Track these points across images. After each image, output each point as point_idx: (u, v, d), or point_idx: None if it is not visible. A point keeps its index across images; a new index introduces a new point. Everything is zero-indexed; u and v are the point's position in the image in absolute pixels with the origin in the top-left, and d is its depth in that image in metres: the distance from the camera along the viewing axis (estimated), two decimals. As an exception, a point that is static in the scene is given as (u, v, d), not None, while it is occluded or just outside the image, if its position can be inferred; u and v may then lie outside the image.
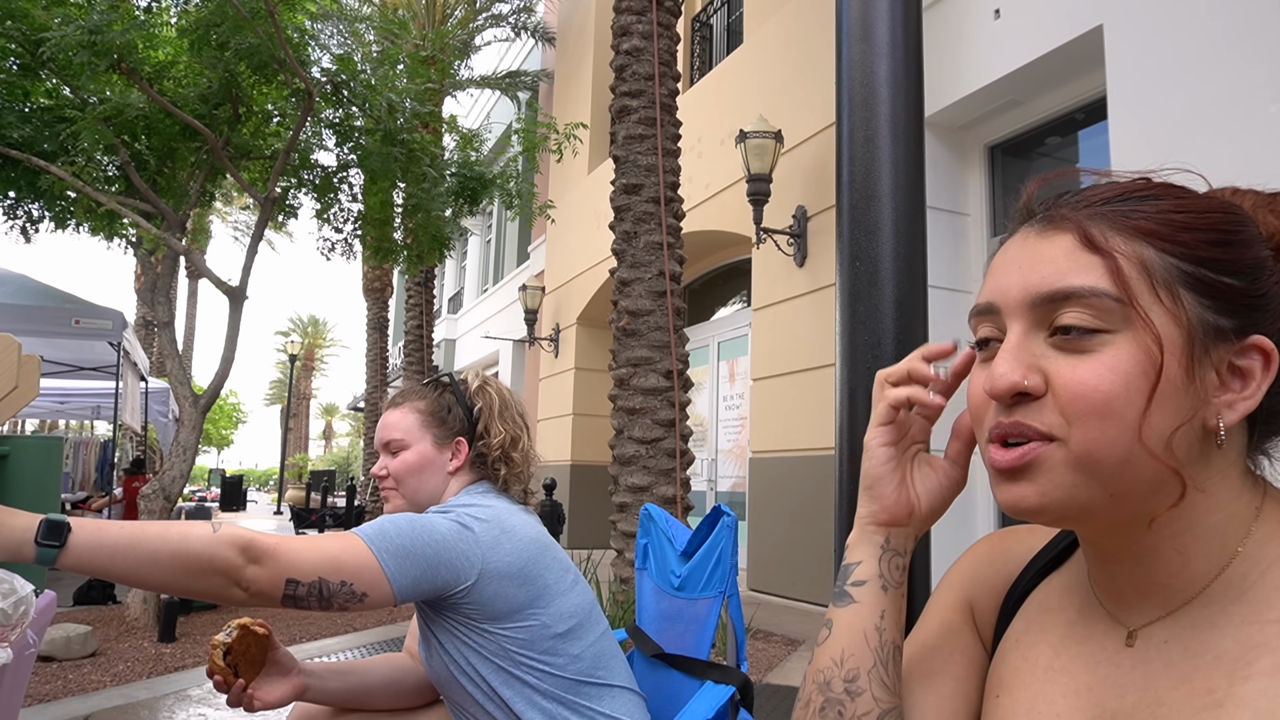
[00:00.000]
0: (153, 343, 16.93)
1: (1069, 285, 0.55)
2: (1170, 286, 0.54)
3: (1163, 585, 0.58)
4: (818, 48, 6.55)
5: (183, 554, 1.08)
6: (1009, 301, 0.58)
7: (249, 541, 1.13)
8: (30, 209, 6.19)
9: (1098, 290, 0.54)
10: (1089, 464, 0.54)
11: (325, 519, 12.87)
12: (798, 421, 6.45)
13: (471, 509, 1.38)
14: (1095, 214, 0.57)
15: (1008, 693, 0.64)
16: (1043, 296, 0.56)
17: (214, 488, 28.92)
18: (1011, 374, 0.56)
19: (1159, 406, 0.53)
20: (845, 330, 1.39)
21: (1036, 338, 0.57)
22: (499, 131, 13.16)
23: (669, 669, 1.57)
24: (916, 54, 1.45)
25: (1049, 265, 0.56)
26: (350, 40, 9.61)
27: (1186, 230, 0.55)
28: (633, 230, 5.79)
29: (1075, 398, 0.54)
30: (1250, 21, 3.65)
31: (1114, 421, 0.53)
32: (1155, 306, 0.54)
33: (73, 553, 1.04)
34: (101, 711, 3.54)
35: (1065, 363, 0.55)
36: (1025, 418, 0.56)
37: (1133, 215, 0.56)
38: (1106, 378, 0.53)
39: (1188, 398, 0.54)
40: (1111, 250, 0.55)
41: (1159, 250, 0.55)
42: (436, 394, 1.57)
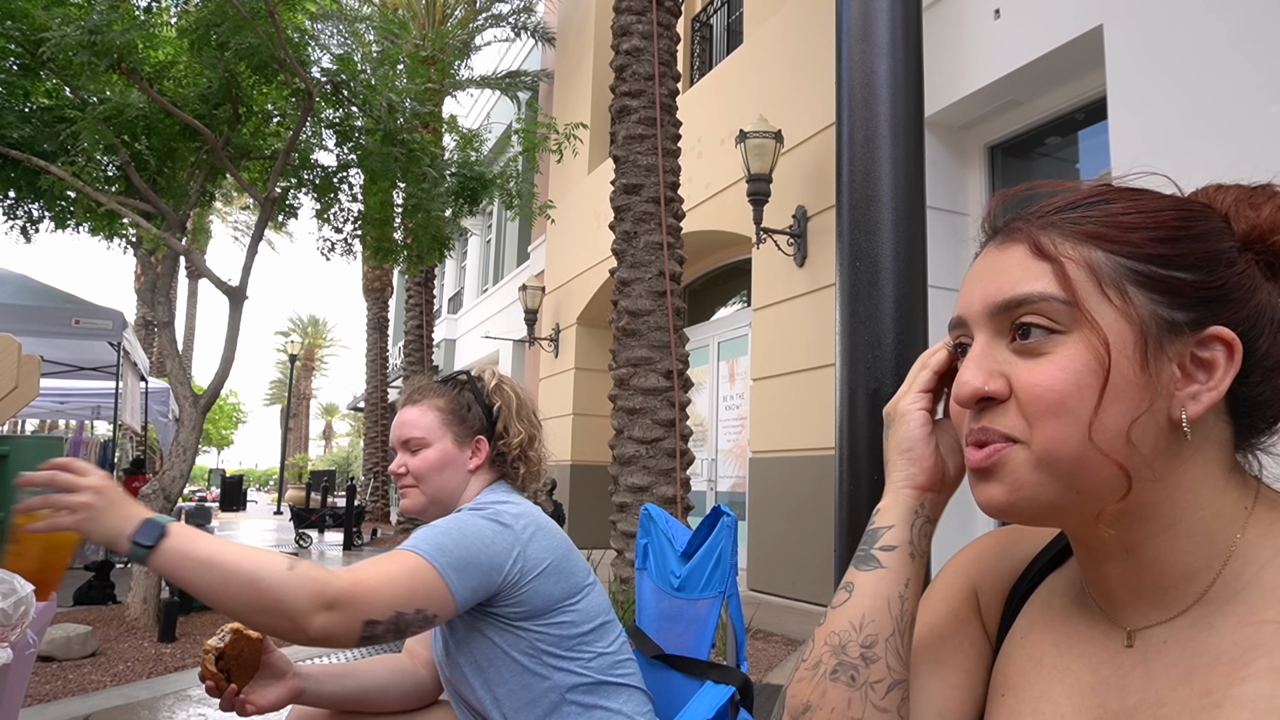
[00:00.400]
0: (153, 343, 16.94)
1: (1020, 292, 0.58)
2: (1119, 285, 0.56)
3: (1153, 584, 0.58)
4: (818, 48, 6.55)
5: (252, 587, 1.08)
6: (973, 313, 0.61)
7: (323, 585, 1.10)
8: (30, 209, 6.19)
9: (1046, 295, 0.57)
10: (1049, 462, 0.56)
11: (325, 519, 12.86)
12: (798, 421, 6.45)
13: (504, 506, 1.39)
14: (1046, 223, 0.59)
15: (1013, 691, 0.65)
16: (999, 305, 0.59)
17: (214, 488, 28.91)
18: (974, 380, 0.59)
19: (1111, 403, 0.54)
20: (845, 330, 1.39)
21: (999, 345, 0.59)
22: (499, 131, 13.16)
23: (669, 669, 1.57)
24: (916, 54, 1.45)
25: (1004, 276, 0.59)
26: (350, 40, 9.61)
27: (1133, 230, 0.57)
28: (633, 230, 5.79)
29: (1032, 399, 0.56)
30: (1250, 21, 3.65)
31: (1068, 420, 0.55)
32: (1103, 306, 0.56)
33: (160, 557, 1.06)
34: (101, 711, 3.54)
35: (1023, 366, 0.57)
36: (991, 422, 0.58)
37: (1081, 221, 0.58)
38: (1059, 377, 0.55)
39: (1144, 391, 0.55)
40: (1059, 256, 0.57)
41: (1106, 251, 0.57)
42: (455, 391, 1.55)
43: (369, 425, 16.20)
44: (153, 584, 5.28)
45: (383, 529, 14.62)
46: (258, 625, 1.10)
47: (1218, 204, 0.61)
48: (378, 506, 15.56)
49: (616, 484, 5.55)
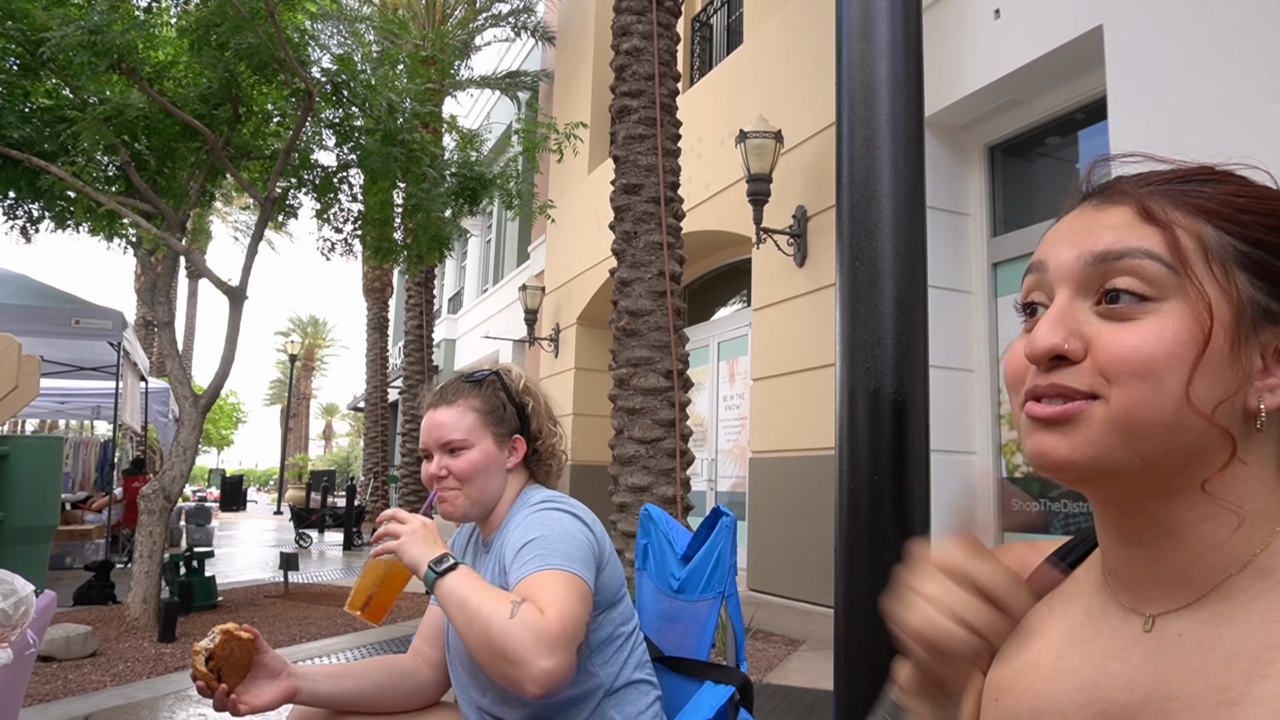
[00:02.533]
0: (153, 343, 16.93)
1: (1124, 246, 0.56)
2: (1224, 263, 0.55)
3: (1182, 573, 0.57)
4: (818, 48, 6.55)
5: (485, 632, 1.15)
6: (1060, 265, 0.58)
7: (539, 630, 1.13)
8: (30, 209, 6.19)
9: (1153, 253, 0.55)
10: (1128, 424, 0.54)
11: (325, 519, 12.86)
12: (798, 421, 6.45)
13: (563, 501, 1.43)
14: (1155, 191, 0.58)
15: (1008, 695, 0.63)
16: (1096, 256, 0.56)
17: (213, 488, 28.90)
18: (1051, 335, 0.56)
19: (1203, 375, 0.53)
20: (845, 330, 1.39)
21: (1083, 305, 0.57)
22: (499, 131, 13.17)
23: (668, 670, 1.57)
24: (916, 54, 1.45)
25: (1106, 231, 0.57)
26: (350, 40, 9.61)
27: (1246, 213, 0.56)
28: (633, 230, 5.79)
29: (1115, 359, 0.54)
30: (1250, 21, 3.65)
31: (1154, 384, 0.53)
32: (1208, 279, 0.54)
33: (441, 586, 1.23)
34: (101, 711, 3.54)
35: (1108, 328, 0.55)
36: (1062, 379, 0.56)
37: (1193, 195, 0.57)
38: (1150, 341, 0.53)
39: (1231, 373, 0.54)
40: (1170, 222, 0.56)
41: (1217, 228, 0.55)
42: (489, 391, 1.53)
43: (369, 425, 16.19)
44: (153, 584, 5.28)
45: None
46: (492, 671, 1.17)
47: None
48: (378, 506, 15.55)
49: (616, 484, 5.55)
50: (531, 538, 1.31)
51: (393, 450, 19.25)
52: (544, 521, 1.35)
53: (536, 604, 1.18)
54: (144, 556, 5.27)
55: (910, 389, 1.35)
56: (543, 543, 1.30)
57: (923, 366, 1.38)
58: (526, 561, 1.27)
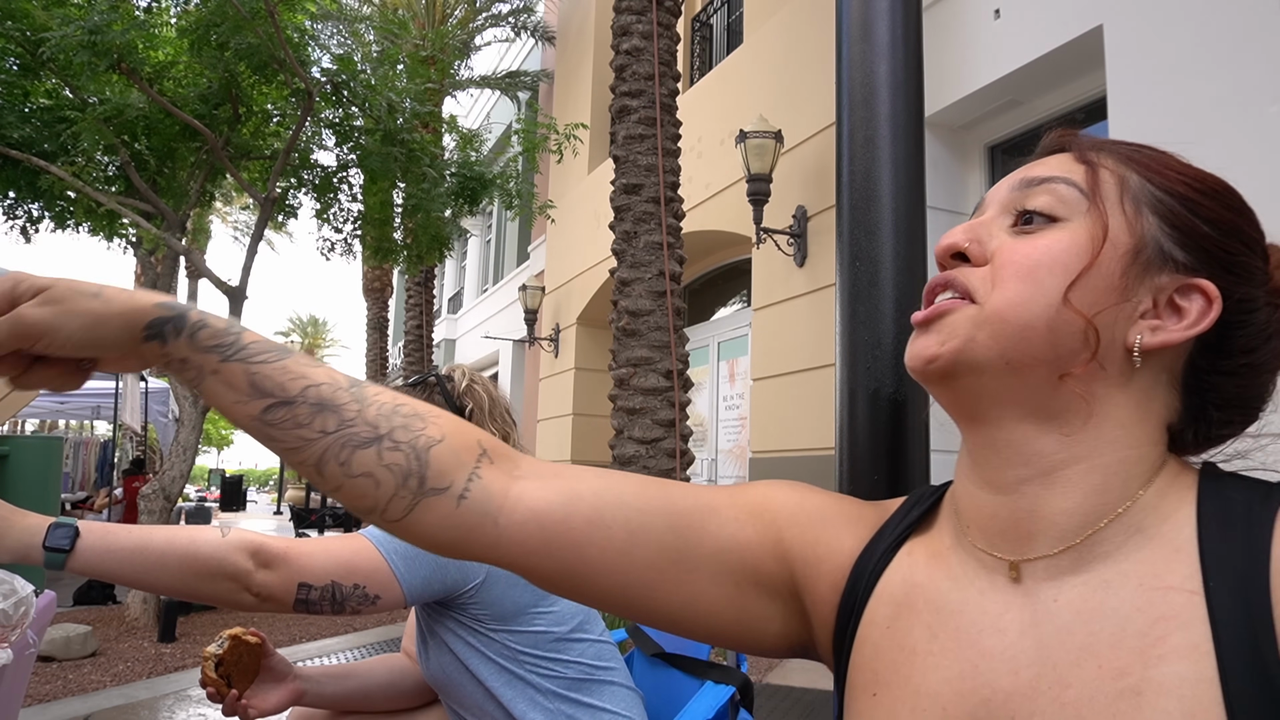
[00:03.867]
0: (153, 343, 16.91)
1: (1046, 174, 0.59)
2: (1138, 202, 0.57)
3: (1050, 521, 0.55)
4: (818, 48, 6.55)
5: (190, 558, 1.09)
6: (994, 194, 0.62)
7: (258, 546, 1.13)
8: (30, 209, 6.20)
9: (1070, 180, 0.58)
10: (996, 321, 0.55)
11: (325, 519, 12.87)
12: (798, 421, 6.45)
13: None
14: (1097, 144, 0.61)
15: (886, 689, 0.57)
16: (1023, 181, 0.60)
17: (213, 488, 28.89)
18: (957, 235, 0.60)
19: (1084, 286, 0.55)
20: (845, 330, 1.39)
21: (1000, 222, 0.60)
22: (499, 131, 13.17)
23: (669, 668, 1.57)
24: (916, 54, 1.45)
25: (1039, 167, 0.61)
26: (350, 40, 9.61)
27: (1173, 171, 0.59)
28: (633, 230, 5.79)
29: (1005, 263, 0.57)
30: (1250, 21, 3.65)
31: (1032, 285, 0.55)
32: (1115, 209, 0.57)
33: (79, 557, 1.05)
34: (101, 711, 3.54)
35: (1011, 240, 0.58)
36: (953, 275, 0.59)
37: (1129, 149, 0.60)
38: (1041, 249, 0.56)
39: (1114, 295, 0.55)
40: (1098, 162, 0.59)
41: (1141, 176, 0.58)
42: (424, 396, 1.49)
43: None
44: (153, 584, 5.28)
45: (383, 529, 14.62)
46: (200, 595, 1.11)
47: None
48: (378, 506, 15.56)
49: (616, 484, 5.55)
50: None
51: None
52: None
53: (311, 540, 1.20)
54: (144, 556, 5.27)
55: (910, 389, 1.35)
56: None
57: (923, 366, 1.39)
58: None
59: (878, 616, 0.60)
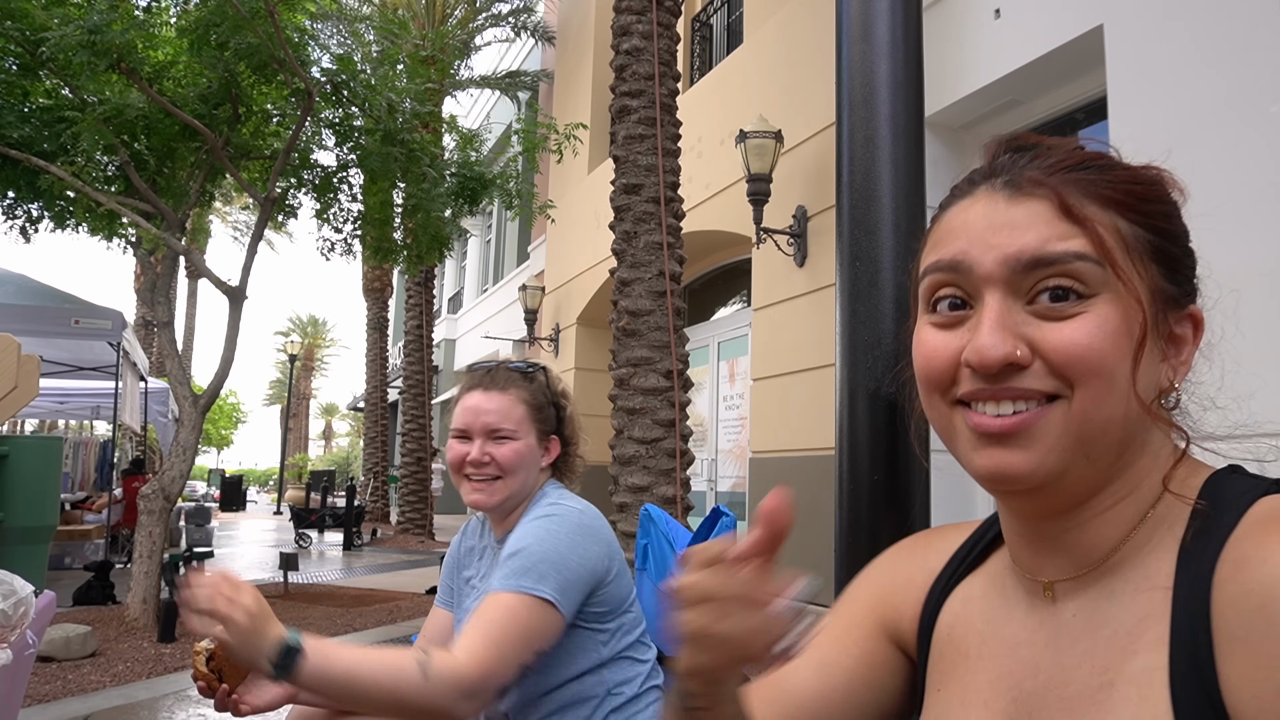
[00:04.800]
0: (152, 343, 16.93)
1: (1054, 251, 0.54)
2: (1141, 255, 0.56)
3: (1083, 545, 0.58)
4: (818, 48, 6.55)
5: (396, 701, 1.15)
6: (985, 268, 0.56)
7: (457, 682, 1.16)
8: (30, 209, 6.19)
9: (1084, 255, 0.54)
10: (1085, 424, 0.53)
11: (325, 519, 12.86)
12: (798, 421, 6.45)
13: (575, 504, 1.43)
14: (1066, 180, 0.57)
15: (946, 685, 0.66)
16: (1025, 263, 0.55)
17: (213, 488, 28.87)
18: (1002, 345, 0.54)
19: (1142, 365, 0.55)
20: (845, 330, 1.39)
21: (1016, 305, 0.55)
22: (499, 131, 13.16)
23: (668, 669, 1.57)
24: (916, 54, 1.45)
25: (1029, 231, 0.55)
26: (350, 40, 9.61)
27: (1147, 202, 0.58)
28: (633, 230, 5.79)
29: (1073, 359, 0.53)
30: (1250, 21, 3.65)
31: (1109, 380, 0.53)
32: (1131, 273, 0.56)
33: (301, 679, 1.14)
34: (101, 711, 3.54)
35: (1051, 328, 0.54)
36: (1021, 383, 0.54)
37: (1100, 185, 0.57)
38: (1098, 336, 0.53)
39: (1157, 361, 0.57)
40: (1090, 218, 0.55)
41: (1129, 221, 0.57)
42: (537, 386, 1.53)
43: (369, 425, 16.19)
44: (152, 584, 5.28)
45: (383, 529, 14.62)
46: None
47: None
48: (378, 506, 15.56)
49: (616, 484, 5.55)
50: (520, 547, 1.31)
51: (393, 450, 19.25)
52: (539, 532, 1.33)
53: (462, 645, 1.20)
54: (144, 556, 5.27)
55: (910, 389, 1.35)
56: (526, 556, 1.29)
57: (923, 366, 1.39)
58: (504, 575, 1.28)
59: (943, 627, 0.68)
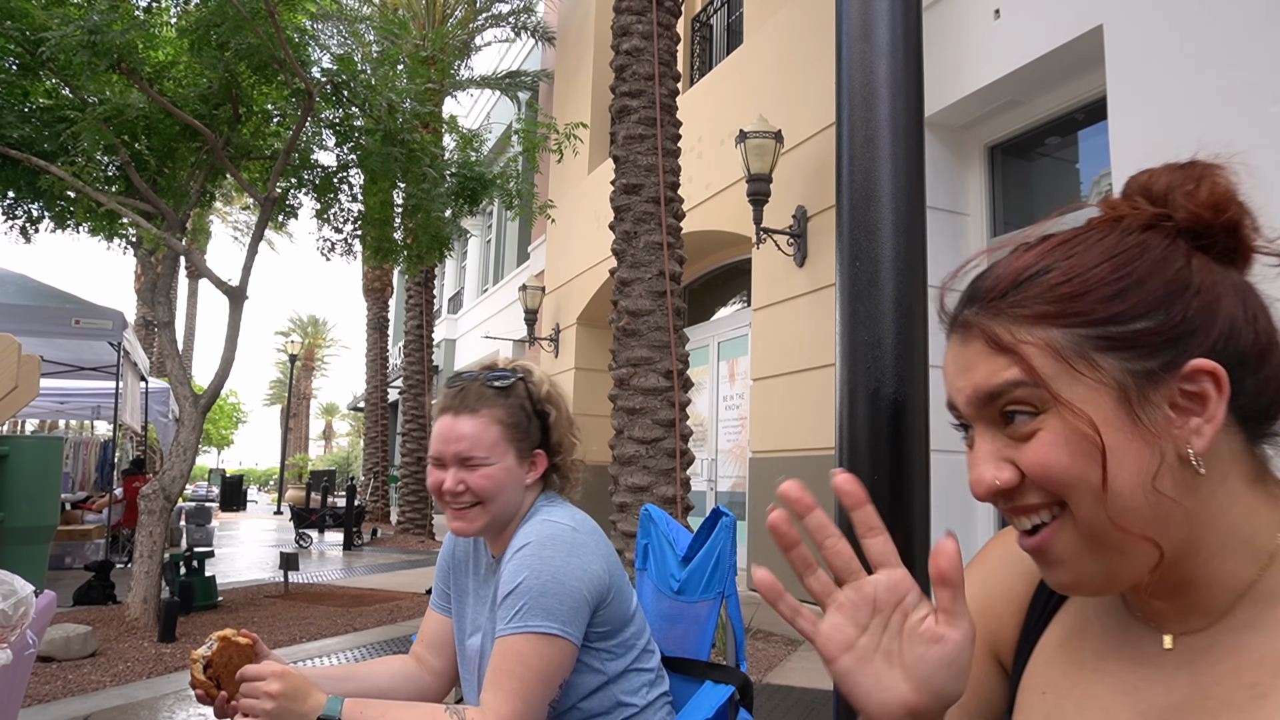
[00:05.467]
0: (153, 343, 16.93)
1: (992, 386, 0.58)
2: (1085, 356, 0.55)
3: (1197, 604, 0.59)
4: (818, 48, 6.55)
5: None
6: (963, 409, 0.61)
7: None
8: (30, 209, 6.19)
9: (1015, 381, 0.56)
10: (1092, 532, 0.56)
11: (325, 519, 12.86)
12: (798, 421, 6.45)
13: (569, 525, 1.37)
14: (995, 311, 0.59)
15: (1055, 690, 0.66)
16: (980, 400, 0.59)
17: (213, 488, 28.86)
18: (985, 479, 0.58)
19: (1118, 471, 0.54)
20: (845, 330, 1.39)
21: (995, 433, 0.59)
22: (499, 131, 13.16)
23: (669, 670, 1.57)
24: (916, 54, 1.44)
25: (974, 371, 0.60)
26: (350, 40, 9.61)
27: (1077, 299, 0.56)
28: (633, 230, 5.79)
29: (1040, 476, 0.56)
30: (1250, 21, 3.65)
31: (1087, 490, 0.55)
32: (1076, 382, 0.55)
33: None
34: (101, 711, 3.54)
35: (1023, 449, 0.57)
36: (1021, 501, 0.59)
37: (1027, 303, 0.58)
38: (1054, 453, 0.55)
39: (1146, 447, 0.54)
40: (1016, 344, 0.57)
41: (1061, 328, 0.56)
42: (515, 400, 1.43)
43: (369, 425, 16.19)
44: (153, 584, 5.28)
45: (383, 529, 14.63)
46: None
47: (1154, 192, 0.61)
48: (378, 506, 15.56)
49: (616, 484, 5.55)
50: (517, 583, 1.28)
51: (393, 450, 19.26)
52: (534, 563, 1.29)
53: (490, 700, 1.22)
54: (144, 556, 5.28)
55: (910, 389, 1.35)
56: (526, 593, 1.26)
57: (923, 366, 1.38)
58: (509, 617, 1.27)
59: (1053, 636, 0.70)
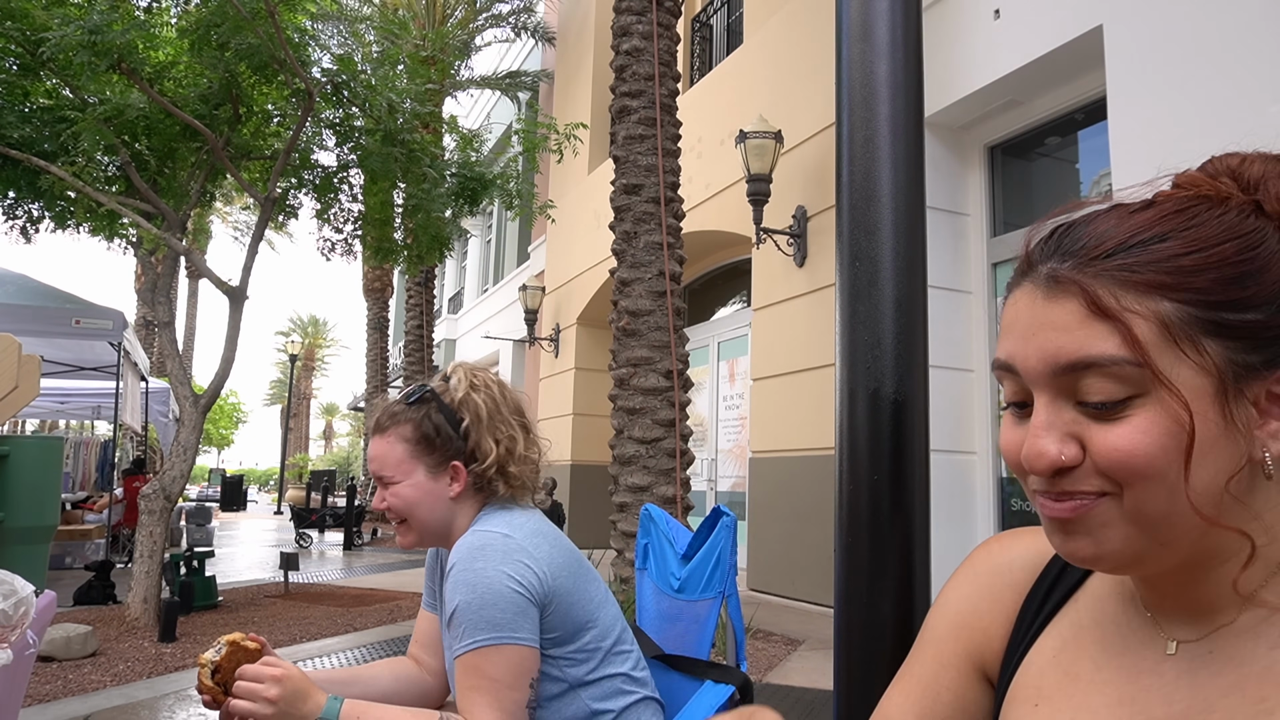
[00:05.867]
0: (153, 343, 16.93)
1: (1085, 356, 0.53)
2: (1192, 338, 0.52)
3: (1211, 604, 0.57)
4: (818, 48, 6.55)
5: None
6: (1029, 370, 0.56)
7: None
8: (30, 209, 6.19)
9: (1114, 358, 0.52)
10: (1142, 519, 0.53)
11: (325, 519, 12.86)
12: (798, 421, 6.45)
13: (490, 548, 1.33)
14: (1099, 272, 0.54)
15: (1048, 703, 0.63)
16: (1061, 367, 0.54)
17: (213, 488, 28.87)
18: (1047, 453, 0.54)
19: (1199, 463, 0.51)
20: (845, 330, 1.39)
21: (1065, 404, 0.55)
22: (499, 132, 13.17)
23: (669, 669, 1.57)
24: (916, 54, 1.45)
25: (1062, 333, 0.54)
26: (350, 40, 9.61)
27: (1198, 274, 0.52)
28: (633, 230, 5.79)
29: (1114, 464, 0.52)
30: (1250, 21, 3.65)
31: (1157, 482, 0.52)
32: (1179, 363, 0.52)
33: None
34: (101, 711, 3.54)
35: (1098, 429, 0.53)
36: (1070, 485, 0.55)
37: (1140, 269, 0.53)
38: (1141, 441, 0.51)
39: (1231, 443, 0.52)
40: (1123, 312, 0.52)
41: (1175, 301, 0.52)
42: (421, 415, 1.41)
43: (369, 425, 16.19)
44: (153, 584, 5.28)
45: (382, 529, 14.63)
46: None
47: (1247, 178, 0.57)
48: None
49: (616, 484, 5.55)
50: (455, 604, 1.28)
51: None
52: (468, 578, 1.28)
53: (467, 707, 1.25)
54: (144, 556, 5.28)
55: (910, 389, 1.35)
56: (468, 610, 1.26)
57: (923, 366, 1.38)
58: (458, 638, 1.27)
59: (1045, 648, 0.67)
